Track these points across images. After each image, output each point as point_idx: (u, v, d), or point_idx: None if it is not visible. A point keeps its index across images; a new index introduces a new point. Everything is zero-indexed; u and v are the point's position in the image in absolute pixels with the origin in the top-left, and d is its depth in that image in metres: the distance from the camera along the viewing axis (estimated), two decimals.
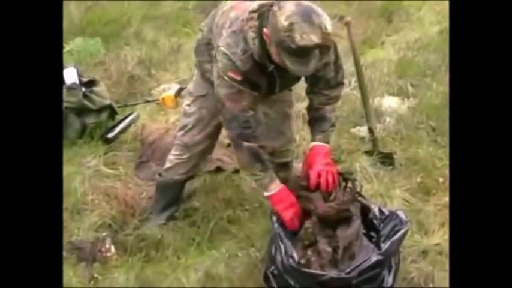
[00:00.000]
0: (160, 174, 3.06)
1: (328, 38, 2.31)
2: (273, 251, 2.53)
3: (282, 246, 2.47)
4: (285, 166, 3.02)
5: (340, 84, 2.68)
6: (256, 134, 2.57)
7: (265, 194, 2.59)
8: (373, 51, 5.06)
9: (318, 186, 2.56)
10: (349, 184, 2.66)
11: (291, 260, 2.42)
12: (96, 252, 2.86)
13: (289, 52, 2.22)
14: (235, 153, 2.70)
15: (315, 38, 2.19)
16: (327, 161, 2.62)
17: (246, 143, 2.52)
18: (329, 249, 2.49)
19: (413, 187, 3.31)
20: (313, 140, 2.68)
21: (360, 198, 2.71)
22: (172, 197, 3.09)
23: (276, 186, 2.56)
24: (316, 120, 2.69)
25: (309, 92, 2.70)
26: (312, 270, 2.41)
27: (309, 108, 2.72)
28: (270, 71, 2.41)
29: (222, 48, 2.41)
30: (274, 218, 2.57)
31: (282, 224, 2.54)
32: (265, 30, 2.29)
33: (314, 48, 2.22)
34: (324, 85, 2.63)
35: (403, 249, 2.76)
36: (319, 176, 2.56)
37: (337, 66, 2.62)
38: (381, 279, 2.51)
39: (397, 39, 5.27)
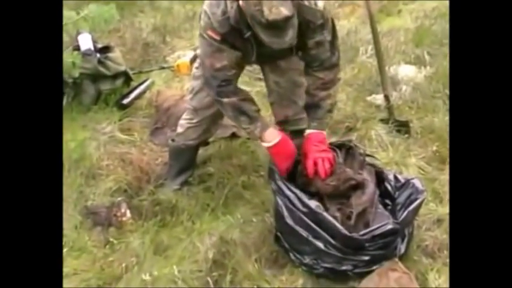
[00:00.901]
0: (173, 140, 3.05)
1: (318, 15, 2.34)
2: (278, 207, 2.57)
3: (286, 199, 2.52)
4: (299, 133, 3.01)
5: (334, 66, 2.62)
6: (238, 90, 2.59)
7: (264, 145, 2.62)
8: (389, 20, 5.01)
9: (316, 174, 2.58)
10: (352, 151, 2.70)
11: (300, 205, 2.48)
12: (112, 216, 2.88)
13: (262, 25, 2.19)
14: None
15: (284, 11, 2.15)
16: (323, 148, 2.62)
17: (225, 99, 2.53)
18: (338, 214, 2.50)
19: (428, 155, 3.28)
20: (308, 127, 2.67)
21: (373, 162, 2.74)
22: (185, 162, 3.08)
23: (272, 137, 2.59)
24: (311, 107, 2.67)
25: (305, 72, 2.68)
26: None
27: (306, 92, 2.70)
28: (247, 37, 2.38)
29: (205, 7, 2.42)
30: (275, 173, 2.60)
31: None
32: (240, 1, 2.27)
33: (284, 21, 2.18)
34: (318, 66, 2.59)
35: (418, 217, 2.76)
36: (315, 164, 2.57)
37: (333, 47, 2.57)
38: (394, 246, 2.52)
39: (414, 7, 5.21)
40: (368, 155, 2.82)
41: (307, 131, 2.66)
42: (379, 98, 3.74)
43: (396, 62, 4.23)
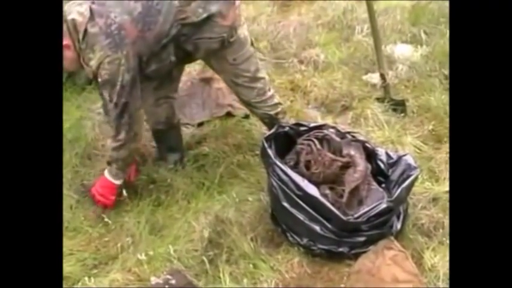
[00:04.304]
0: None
1: None
2: (272, 188, 2.57)
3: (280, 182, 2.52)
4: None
5: (117, 132, 2.65)
6: None
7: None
8: None
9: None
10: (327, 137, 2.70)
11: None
12: None
13: None
14: None
15: None
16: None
17: None
18: (328, 191, 2.51)
19: (424, 134, 3.28)
20: None
21: (360, 139, 2.74)
22: (170, 142, 3.10)
23: None
24: None
25: None
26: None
27: None
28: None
29: None
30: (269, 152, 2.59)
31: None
32: None
33: None
34: None
35: (414, 195, 2.76)
36: None
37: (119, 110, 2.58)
38: (390, 224, 2.53)
39: None
40: (349, 132, 2.81)
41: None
42: (375, 77, 3.72)
43: (392, 41, 4.20)
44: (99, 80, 2.50)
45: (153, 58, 2.56)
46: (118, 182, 2.78)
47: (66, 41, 2.44)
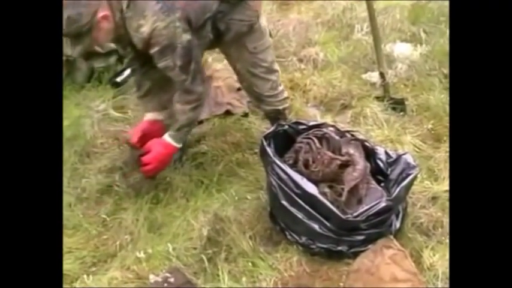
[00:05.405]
0: None
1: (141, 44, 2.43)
2: (271, 187, 2.57)
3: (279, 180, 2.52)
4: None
5: (191, 91, 2.62)
6: None
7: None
8: None
9: None
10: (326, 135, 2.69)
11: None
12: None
13: None
14: None
15: None
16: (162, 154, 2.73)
17: None
18: (327, 190, 2.51)
19: (424, 133, 3.27)
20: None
21: (359, 137, 2.74)
22: None
23: None
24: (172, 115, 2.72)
25: None
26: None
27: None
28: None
29: None
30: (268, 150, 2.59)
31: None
32: None
33: None
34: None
35: (413, 194, 2.76)
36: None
37: (186, 72, 2.56)
38: (389, 223, 2.52)
39: None
40: (348, 131, 2.81)
41: (164, 136, 2.73)
42: (374, 76, 3.72)
43: (392, 40, 4.21)
44: (156, 49, 2.45)
45: (194, 34, 2.52)
46: (180, 146, 2.77)
47: (104, 12, 2.37)
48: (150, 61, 2.57)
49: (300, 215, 2.47)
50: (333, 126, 2.80)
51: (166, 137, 2.71)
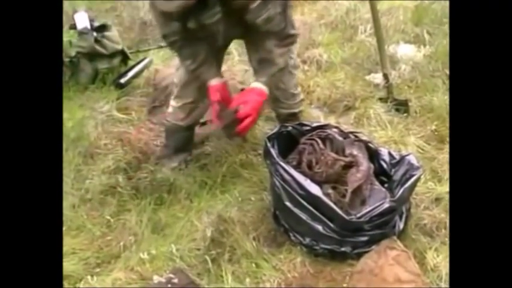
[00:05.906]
0: (167, 119, 3.04)
1: None
2: (275, 188, 2.57)
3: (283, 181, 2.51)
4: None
5: (290, 36, 2.61)
6: None
7: None
8: None
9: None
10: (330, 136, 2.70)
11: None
12: None
13: None
14: None
15: None
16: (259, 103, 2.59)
17: None
18: (331, 191, 2.51)
19: (427, 135, 3.28)
20: (256, 81, 2.63)
21: (363, 139, 2.74)
22: (180, 142, 3.06)
23: None
24: (264, 62, 2.64)
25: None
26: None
27: (262, 48, 2.64)
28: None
29: None
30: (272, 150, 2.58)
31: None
32: None
33: None
34: (274, 37, 2.57)
35: (417, 195, 2.76)
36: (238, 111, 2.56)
37: (285, 18, 2.53)
38: (393, 224, 2.52)
39: None
40: (351, 132, 2.81)
41: (253, 84, 2.62)
42: (378, 77, 3.73)
43: (395, 41, 4.22)
44: (258, 2, 2.37)
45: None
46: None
47: None
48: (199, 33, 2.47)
49: (303, 216, 2.47)
50: (336, 127, 2.80)
51: (259, 84, 2.61)
